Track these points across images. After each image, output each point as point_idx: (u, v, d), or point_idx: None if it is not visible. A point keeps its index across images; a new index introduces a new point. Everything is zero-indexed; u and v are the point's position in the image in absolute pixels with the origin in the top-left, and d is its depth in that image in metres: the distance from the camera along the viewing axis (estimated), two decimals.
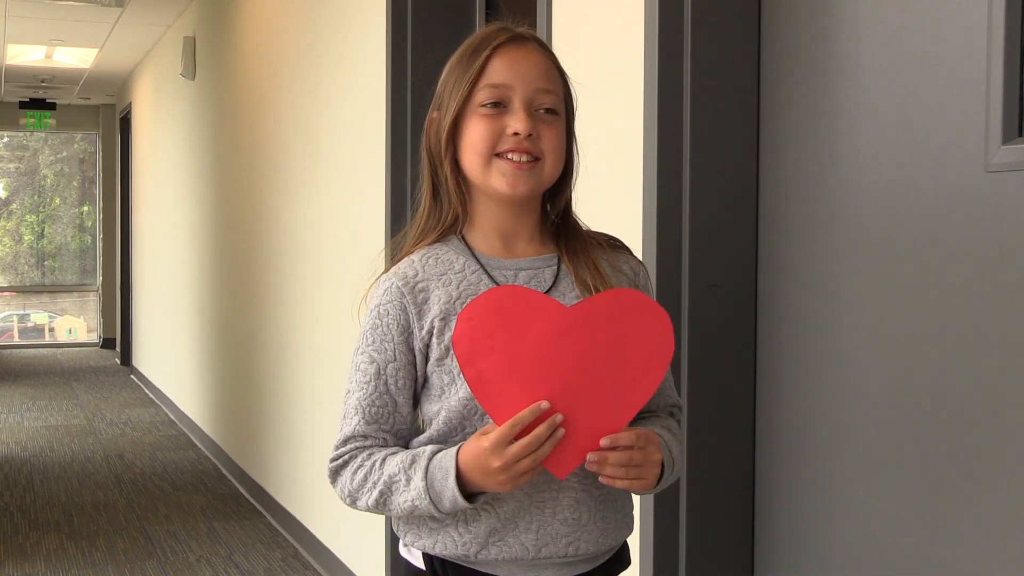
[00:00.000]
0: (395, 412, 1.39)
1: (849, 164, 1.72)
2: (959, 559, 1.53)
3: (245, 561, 4.26)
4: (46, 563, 4.22)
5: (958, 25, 1.52)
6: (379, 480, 1.35)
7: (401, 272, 1.40)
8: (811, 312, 1.80)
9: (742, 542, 1.94)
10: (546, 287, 1.39)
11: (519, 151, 1.36)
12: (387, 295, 1.39)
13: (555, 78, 1.41)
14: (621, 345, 1.31)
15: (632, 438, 1.30)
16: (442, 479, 1.30)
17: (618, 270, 1.44)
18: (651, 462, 1.32)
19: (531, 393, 1.28)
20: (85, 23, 7.58)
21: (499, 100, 1.37)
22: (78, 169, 13.93)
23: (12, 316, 14.56)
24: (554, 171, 1.40)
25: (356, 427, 1.39)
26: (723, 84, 1.90)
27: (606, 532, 1.39)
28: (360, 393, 1.39)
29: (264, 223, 5.10)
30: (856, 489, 1.71)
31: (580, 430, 1.29)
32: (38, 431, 7.11)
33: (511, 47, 1.40)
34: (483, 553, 1.35)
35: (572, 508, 1.36)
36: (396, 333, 1.38)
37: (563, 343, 1.30)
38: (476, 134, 1.38)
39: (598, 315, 1.31)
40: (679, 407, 1.52)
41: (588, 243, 1.44)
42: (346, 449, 1.39)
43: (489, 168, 1.37)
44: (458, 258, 1.41)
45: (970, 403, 1.50)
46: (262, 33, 5.10)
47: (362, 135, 3.63)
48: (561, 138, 1.40)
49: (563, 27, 2.31)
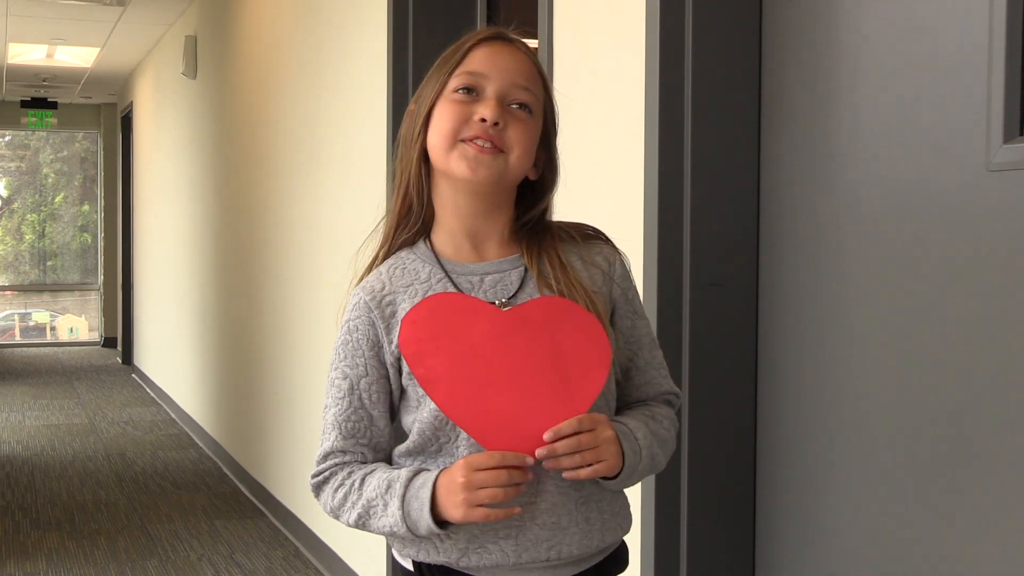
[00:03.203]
0: (371, 426, 1.40)
1: (850, 163, 1.72)
2: (960, 559, 1.52)
3: (246, 560, 4.26)
4: (47, 562, 4.23)
5: (959, 24, 1.52)
6: (358, 502, 1.36)
7: (369, 287, 1.40)
8: (812, 311, 1.80)
9: (743, 542, 1.94)
10: (512, 290, 1.38)
11: (483, 138, 1.34)
12: (356, 310, 1.40)
13: (535, 80, 1.39)
14: (559, 347, 1.32)
15: (575, 424, 1.29)
16: (418, 509, 1.31)
17: (590, 263, 1.42)
18: (605, 440, 1.30)
19: (481, 391, 1.30)
20: (86, 22, 7.59)
21: (472, 87, 1.36)
22: (79, 168, 13.94)
23: (14, 315, 14.57)
24: (519, 165, 1.37)
25: (334, 443, 1.40)
26: (724, 83, 1.90)
27: (590, 534, 1.37)
28: (336, 409, 1.40)
29: (265, 222, 5.10)
30: (857, 489, 1.71)
31: (532, 428, 1.29)
32: (39, 430, 7.11)
33: (495, 43, 1.39)
34: (464, 560, 1.35)
35: (550, 512, 1.34)
36: (366, 348, 1.39)
37: (505, 344, 1.32)
38: (444, 116, 1.36)
39: (532, 319, 1.33)
40: (675, 394, 1.48)
41: (556, 239, 1.42)
42: (326, 466, 1.40)
43: (452, 151, 1.35)
44: (424, 267, 1.40)
45: (972, 402, 1.50)
46: (263, 32, 5.10)
47: (363, 134, 3.63)
48: (531, 136, 1.38)
49: (564, 27, 2.31)
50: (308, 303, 4.37)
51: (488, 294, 1.38)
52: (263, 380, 5.18)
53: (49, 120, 11.58)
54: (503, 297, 1.37)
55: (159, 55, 8.42)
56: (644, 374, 1.45)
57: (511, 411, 1.30)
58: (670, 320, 1.90)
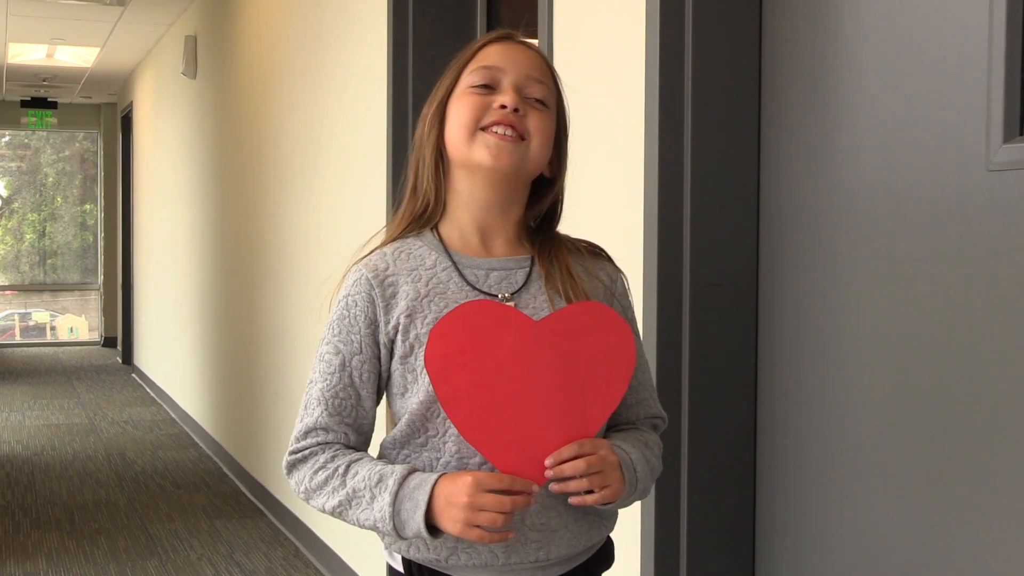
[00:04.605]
0: (358, 405, 1.37)
1: (850, 163, 1.72)
2: (960, 559, 1.52)
3: (246, 560, 4.26)
4: (47, 562, 4.23)
5: (959, 23, 1.52)
6: (340, 489, 1.33)
7: (372, 264, 1.39)
8: (812, 312, 1.80)
9: (743, 542, 1.94)
10: (516, 287, 1.38)
11: (504, 124, 1.34)
12: (356, 286, 1.38)
13: (548, 75, 1.40)
14: (587, 358, 1.31)
15: (575, 448, 1.28)
16: (410, 510, 1.28)
17: (594, 276, 1.42)
18: (609, 464, 1.30)
19: (499, 412, 1.28)
20: (86, 22, 7.59)
21: (489, 82, 1.37)
22: (79, 168, 13.94)
23: (14, 315, 14.56)
24: (539, 156, 1.38)
25: (318, 418, 1.36)
26: (724, 84, 1.90)
27: (579, 535, 1.37)
28: (323, 384, 1.37)
29: (265, 222, 5.10)
30: (858, 489, 1.71)
31: (545, 444, 1.29)
32: (39, 430, 7.11)
33: (507, 42, 1.40)
34: (453, 559, 1.34)
35: (540, 513, 1.34)
36: (363, 325, 1.36)
37: (532, 356, 1.30)
38: (463, 107, 1.36)
39: (565, 328, 1.31)
40: (662, 418, 1.49)
41: (564, 248, 1.43)
42: (307, 443, 1.36)
43: (473, 140, 1.35)
44: (430, 254, 1.39)
45: (971, 402, 1.50)
46: (263, 32, 5.10)
47: (363, 133, 3.63)
48: (549, 127, 1.38)
49: (564, 27, 2.31)
50: (307, 302, 4.37)
51: (493, 288, 1.37)
52: (263, 380, 5.18)
53: (49, 120, 11.58)
54: (507, 292, 1.37)
55: (159, 55, 8.42)
56: (636, 394, 1.45)
57: (525, 433, 1.29)
58: (670, 320, 1.90)
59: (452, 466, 1.33)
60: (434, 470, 1.34)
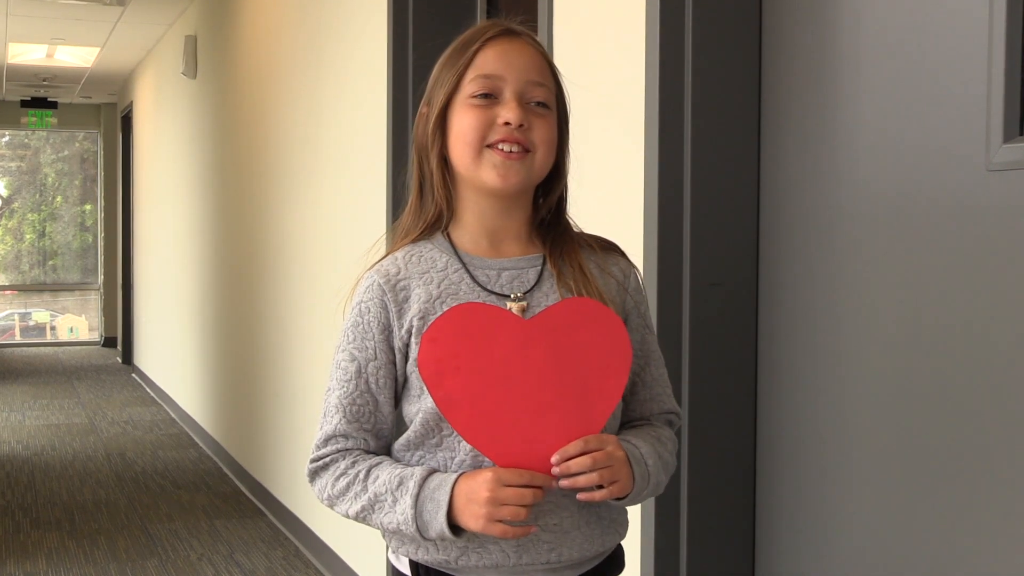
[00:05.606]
0: (376, 411, 1.38)
1: (850, 163, 1.72)
2: (961, 559, 1.52)
3: (246, 560, 4.26)
4: (47, 561, 4.23)
5: (959, 24, 1.52)
6: (362, 494, 1.34)
7: (383, 270, 1.39)
8: (812, 311, 1.80)
9: (743, 542, 1.94)
10: (528, 287, 1.37)
11: (510, 141, 1.34)
12: (368, 292, 1.38)
13: (547, 73, 1.40)
14: (581, 354, 1.30)
15: (580, 445, 1.28)
16: (432, 511, 1.29)
17: (607, 272, 1.42)
18: (618, 460, 1.30)
19: (500, 412, 1.28)
20: (86, 22, 7.59)
21: (490, 91, 1.36)
22: (79, 168, 13.94)
23: (14, 315, 14.56)
24: (545, 164, 1.38)
25: (337, 426, 1.37)
26: (724, 83, 1.90)
27: (591, 538, 1.37)
28: (341, 391, 1.38)
29: (265, 222, 5.10)
30: (857, 489, 1.71)
31: (548, 449, 1.28)
32: (39, 430, 7.11)
33: (502, 40, 1.38)
34: (463, 559, 1.34)
35: (553, 514, 1.34)
36: (377, 331, 1.37)
37: (526, 356, 1.29)
38: (466, 124, 1.36)
39: (557, 325, 1.31)
40: (676, 414, 1.48)
41: (576, 244, 1.42)
42: (328, 451, 1.38)
43: (479, 160, 1.35)
44: (441, 256, 1.39)
45: (971, 402, 1.50)
46: (263, 32, 5.10)
47: (363, 133, 3.63)
48: (553, 131, 1.38)
49: (564, 26, 2.31)
50: (308, 302, 4.37)
51: (504, 288, 1.37)
52: (263, 380, 5.18)
53: (49, 120, 11.58)
54: (519, 291, 1.37)
55: (159, 55, 8.42)
56: (650, 390, 1.45)
57: (528, 432, 1.28)
58: (670, 320, 1.90)
59: (468, 464, 1.33)
60: (449, 470, 1.34)
